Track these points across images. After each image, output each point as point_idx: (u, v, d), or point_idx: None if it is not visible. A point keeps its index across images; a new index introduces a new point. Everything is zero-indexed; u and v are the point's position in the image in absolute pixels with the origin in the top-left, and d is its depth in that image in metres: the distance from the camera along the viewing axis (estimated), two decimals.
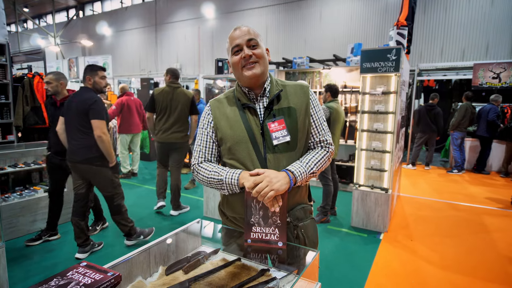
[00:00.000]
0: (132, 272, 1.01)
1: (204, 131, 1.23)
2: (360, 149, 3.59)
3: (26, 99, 4.20)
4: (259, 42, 1.15)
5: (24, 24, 23.36)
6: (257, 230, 1.11)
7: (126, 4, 17.99)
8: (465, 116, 6.18)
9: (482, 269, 2.72)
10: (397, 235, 3.39)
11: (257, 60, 1.13)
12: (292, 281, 1.00)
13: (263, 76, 1.16)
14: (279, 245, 1.10)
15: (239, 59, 1.13)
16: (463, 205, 4.43)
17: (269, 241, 1.11)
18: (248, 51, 1.12)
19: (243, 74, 1.14)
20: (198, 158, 1.22)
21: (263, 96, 1.20)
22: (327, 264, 2.76)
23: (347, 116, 5.08)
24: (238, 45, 1.13)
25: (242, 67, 1.14)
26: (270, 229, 1.10)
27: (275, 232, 1.10)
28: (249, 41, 1.13)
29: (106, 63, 10.04)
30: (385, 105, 3.41)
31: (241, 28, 1.15)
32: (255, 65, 1.13)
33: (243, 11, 13.76)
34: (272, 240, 1.10)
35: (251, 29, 1.16)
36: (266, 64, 1.18)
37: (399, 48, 3.23)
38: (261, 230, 1.11)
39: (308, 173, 1.12)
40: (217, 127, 1.21)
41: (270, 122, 1.15)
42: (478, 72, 6.73)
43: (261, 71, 1.14)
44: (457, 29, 9.61)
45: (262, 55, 1.15)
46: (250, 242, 1.12)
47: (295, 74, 5.72)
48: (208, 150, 1.22)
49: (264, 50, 1.17)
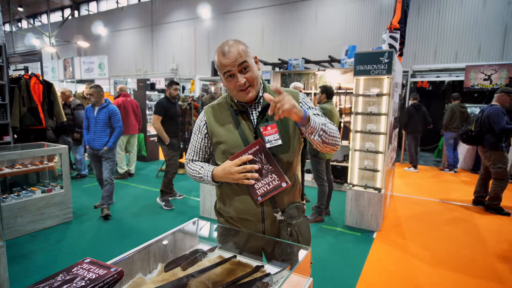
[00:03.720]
0: (132, 269, 1.06)
1: (196, 134, 1.33)
2: (354, 150, 3.66)
3: (23, 100, 4.21)
4: (249, 61, 1.14)
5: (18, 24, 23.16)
6: (259, 186, 1.18)
7: (122, 4, 17.93)
8: (453, 117, 6.31)
9: (472, 266, 2.81)
10: (390, 233, 3.47)
11: (250, 83, 1.15)
12: (285, 276, 1.06)
13: (256, 93, 1.20)
14: (283, 185, 1.18)
15: (234, 85, 1.15)
16: (455, 204, 4.52)
17: (275, 187, 1.18)
18: (241, 78, 1.13)
19: (238, 95, 1.18)
20: (188, 156, 1.38)
21: (257, 103, 1.24)
22: (321, 262, 2.83)
23: (342, 117, 5.15)
24: (230, 71, 1.13)
25: (238, 90, 1.16)
26: (268, 178, 1.18)
27: (273, 177, 1.18)
28: (240, 65, 1.12)
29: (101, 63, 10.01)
30: (378, 107, 3.48)
31: (230, 53, 1.11)
32: (249, 89, 1.16)
33: (239, 12, 13.80)
34: (276, 185, 1.18)
35: (240, 48, 1.12)
36: (258, 80, 1.20)
37: (392, 51, 3.30)
38: (262, 183, 1.18)
39: (319, 123, 1.12)
40: (212, 132, 1.28)
41: (263, 126, 1.20)
42: (470, 73, 6.86)
43: (255, 93, 1.18)
44: (450, 31, 9.75)
45: (254, 76, 1.16)
46: (261, 199, 1.19)
47: (290, 76, 5.79)
48: (196, 152, 1.34)
49: (254, 66, 1.17)
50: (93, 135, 3.72)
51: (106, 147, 3.68)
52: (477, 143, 4.17)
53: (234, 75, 1.13)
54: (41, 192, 3.43)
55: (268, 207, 1.23)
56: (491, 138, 3.96)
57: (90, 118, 3.74)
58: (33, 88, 4.32)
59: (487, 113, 3.98)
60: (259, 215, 1.24)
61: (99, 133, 3.70)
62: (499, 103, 4.04)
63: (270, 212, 1.23)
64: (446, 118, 6.39)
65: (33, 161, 3.63)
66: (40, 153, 3.66)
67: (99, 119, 3.68)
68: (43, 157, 3.78)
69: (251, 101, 1.23)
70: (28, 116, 4.25)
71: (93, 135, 3.72)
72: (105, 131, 3.72)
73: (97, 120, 3.68)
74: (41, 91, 4.40)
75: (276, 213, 1.23)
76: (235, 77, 1.13)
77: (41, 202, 3.36)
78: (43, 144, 3.89)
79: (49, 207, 3.44)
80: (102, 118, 3.69)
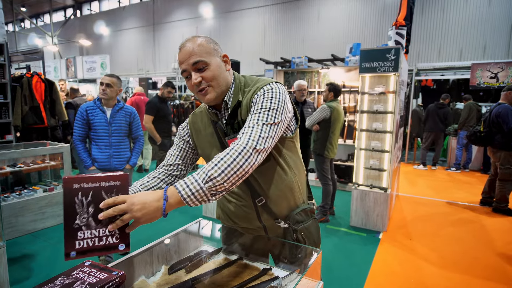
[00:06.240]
0: (135, 272, 1.01)
1: (176, 141, 1.24)
2: (359, 149, 3.60)
3: (25, 98, 4.18)
4: (207, 60, 0.99)
5: (21, 24, 23.24)
6: (85, 235, 0.78)
7: (124, 3, 17.93)
8: (470, 115, 6.22)
9: (480, 267, 2.74)
10: (396, 234, 3.41)
11: (208, 84, 1.00)
12: (294, 280, 1.01)
13: (220, 95, 1.05)
14: (120, 248, 0.81)
15: (191, 85, 1.01)
16: (462, 205, 4.45)
17: (106, 247, 0.80)
18: (196, 76, 0.99)
19: (199, 97, 1.05)
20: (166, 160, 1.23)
21: (227, 109, 1.09)
22: (326, 263, 2.77)
23: (346, 116, 5.10)
24: (185, 71, 1.01)
25: (196, 92, 1.03)
26: (103, 230, 0.79)
27: (113, 232, 0.80)
28: (195, 65, 0.98)
29: (104, 62, 10.00)
30: (384, 105, 3.42)
31: (184, 48, 1.00)
32: (207, 90, 1.01)
33: (241, 11, 13.75)
34: (110, 244, 0.80)
35: (196, 46, 0.99)
36: (222, 80, 1.03)
37: (398, 48, 3.24)
38: (91, 234, 0.79)
39: (201, 181, 0.81)
40: (194, 142, 1.20)
41: (230, 139, 1.06)
42: (476, 72, 6.77)
43: (215, 94, 1.03)
44: (455, 29, 9.66)
45: (214, 76, 1.00)
46: (75, 255, 0.78)
47: (293, 74, 5.73)
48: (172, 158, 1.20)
49: (217, 66, 1.01)
50: (108, 150, 2.63)
51: (129, 165, 2.75)
52: (486, 144, 4.08)
53: (190, 75, 1.00)
54: (43, 191, 3.41)
55: (269, 221, 1.15)
56: (501, 138, 3.87)
57: (95, 125, 2.60)
58: (35, 86, 4.29)
59: (496, 112, 3.89)
60: (261, 229, 1.19)
61: (116, 146, 2.67)
62: (507, 101, 3.96)
63: (272, 225, 1.17)
64: (463, 117, 6.30)
65: (34, 160, 3.60)
66: (42, 152, 3.63)
67: (117, 125, 2.64)
68: (45, 156, 3.75)
69: (219, 106, 1.09)
70: (30, 115, 4.22)
71: (108, 150, 2.63)
72: (124, 142, 2.72)
73: (113, 126, 2.63)
74: (43, 90, 4.37)
75: (279, 223, 1.15)
76: (191, 76, 1.00)
77: (42, 201, 3.33)
78: (45, 143, 3.86)
79: (50, 206, 3.41)
80: (120, 123, 2.67)
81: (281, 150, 1.10)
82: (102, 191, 0.79)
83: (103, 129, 2.61)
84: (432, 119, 6.58)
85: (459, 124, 6.44)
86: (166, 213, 0.80)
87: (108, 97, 2.56)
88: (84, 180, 0.78)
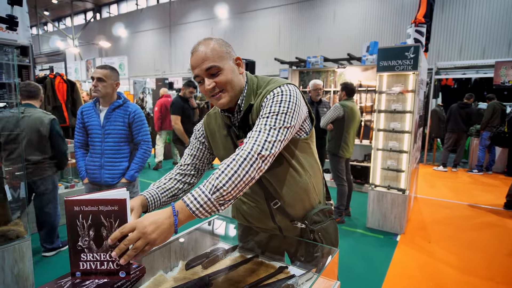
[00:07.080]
0: (153, 266, 1.03)
1: (193, 141, 1.24)
2: (376, 149, 3.53)
3: (48, 99, 4.35)
4: (220, 65, 0.97)
5: (44, 27, 24.16)
6: (87, 257, 0.79)
7: (141, 6, 18.33)
8: (494, 115, 5.99)
9: (501, 273, 2.63)
10: (415, 237, 3.32)
11: (222, 88, 0.99)
12: (311, 279, 1.00)
13: (234, 99, 1.04)
14: (121, 276, 0.80)
15: (204, 91, 1.01)
16: (484, 208, 4.29)
17: (107, 272, 0.80)
18: (209, 82, 0.98)
19: (212, 102, 1.04)
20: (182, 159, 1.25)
21: (239, 112, 1.07)
22: (342, 264, 2.73)
23: (363, 116, 5.01)
24: (198, 76, 0.99)
25: (209, 96, 1.03)
26: (104, 255, 0.79)
27: (114, 259, 0.77)
28: (208, 70, 0.97)
29: (122, 64, 10.25)
30: (403, 104, 3.34)
31: (196, 52, 0.98)
32: (220, 95, 1.00)
33: (256, 11, 13.77)
34: (110, 270, 0.79)
35: (209, 50, 0.96)
36: (235, 84, 1.02)
37: (418, 46, 3.16)
38: (93, 257, 0.79)
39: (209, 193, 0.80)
40: (209, 143, 1.20)
41: (240, 141, 1.05)
42: (500, 70, 6.50)
43: (229, 99, 1.01)
44: (477, 26, 9.30)
45: (227, 81, 0.98)
46: (80, 275, 0.80)
47: (309, 74, 5.69)
48: (188, 158, 1.21)
49: (230, 70, 0.99)
50: (99, 159, 2.15)
51: (125, 179, 2.18)
52: (511, 145, 3.92)
53: (203, 80, 0.99)
54: (64, 187, 3.53)
55: (284, 222, 1.15)
56: None
57: (90, 128, 2.16)
58: (58, 87, 4.46)
59: None
60: (276, 230, 1.18)
61: (110, 154, 2.15)
62: None
63: (287, 226, 1.16)
64: (486, 117, 6.06)
65: None
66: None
67: (111, 127, 2.12)
68: None
69: (233, 109, 1.08)
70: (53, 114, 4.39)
71: (99, 159, 2.15)
72: (121, 150, 2.18)
73: (106, 129, 2.12)
74: (65, 90, 4.53)
75: (296, 224, 1.14)
76: (204, 81, 0.99)
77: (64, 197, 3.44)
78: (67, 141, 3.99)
79: None
80: (116, 125, 2.13)
81: (294, 152, 1.08)
82: (101, 215, 0.76)
83: (96, 133, 2.15)
84: (454, 119, 6.37)
85: (481, 124, 6.20)
86: (177, 228, 0.79)
87: (102, 93, 2.07)
88: (83, 203, 0.76)
